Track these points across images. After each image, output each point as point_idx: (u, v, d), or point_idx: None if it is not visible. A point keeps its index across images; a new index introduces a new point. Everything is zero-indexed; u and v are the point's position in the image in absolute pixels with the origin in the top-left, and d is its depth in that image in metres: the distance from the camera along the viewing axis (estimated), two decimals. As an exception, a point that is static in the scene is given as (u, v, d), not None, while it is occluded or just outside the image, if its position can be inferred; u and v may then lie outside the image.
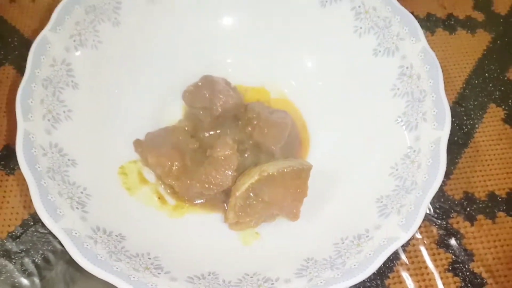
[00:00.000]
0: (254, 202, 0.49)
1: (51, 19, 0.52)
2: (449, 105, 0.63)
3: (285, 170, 0.49)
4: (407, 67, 0.53)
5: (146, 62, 0.59)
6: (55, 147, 0.48)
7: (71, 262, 0.52)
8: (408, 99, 0.52)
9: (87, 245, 0.42)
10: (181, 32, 0.61)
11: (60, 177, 0.46)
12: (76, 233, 0.43)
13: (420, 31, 0.53)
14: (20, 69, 0.65)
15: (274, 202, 0.49)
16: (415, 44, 0.53)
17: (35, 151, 0.46)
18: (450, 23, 0.72)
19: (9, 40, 0.67)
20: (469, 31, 0.71)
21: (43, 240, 0.54)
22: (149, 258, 0.45)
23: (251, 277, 0.44)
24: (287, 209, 0.49)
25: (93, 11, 0.55)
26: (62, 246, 0.53)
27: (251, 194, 0.49)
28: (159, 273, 0.43)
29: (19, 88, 0.48)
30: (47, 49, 0.51)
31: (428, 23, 0.72)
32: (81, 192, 0.47)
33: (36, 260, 0.53)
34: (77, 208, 0.45)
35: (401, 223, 0.45)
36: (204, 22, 0.62)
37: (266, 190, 0.49)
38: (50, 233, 0.54)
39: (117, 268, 0.41)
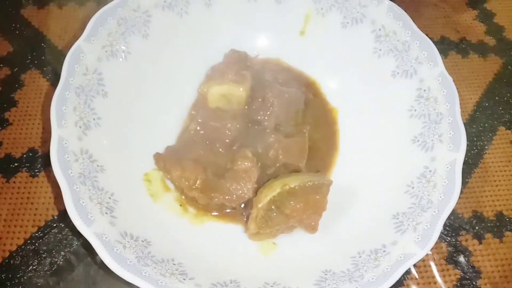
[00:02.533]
0: (275, 214, 0.51)
1: (86, 30, 0.54)
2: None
3: (307, 184, 0.51)
4: (424, 90, 0.56)
5: (172, 74, 0.62)
6: (86, 153, 0.50)
7: (92, 264, 0.55)
8: (425, 121, 0.55)
9: (117, 250, 0.44)
10: (208, 46, 0.63)
11: (91, 182, 0.48)
12: (106, 238, 0.44)
13: (438, 57, 0.56)
14: (46, 74, 0.67)
15: (294, 215, 0.51)
16: (433, 69, 0.55)
17: (68, 157, 0.48)
18: (462, 47, 0.74)
19: (36, 45, 0.69)
20: (481, 55, 0.74)
21: (65, 241, 0.56)
22: (174, 264, 0.46)
23: (271, 286, 0.46)
24: (306, 222, 0.51)
25: (124, 23, 0.57)
26: (84, 248, 0.55)
27: (273, 206, 0.51)
28: (184, 279, 0.45)
29: (54, 95, 0.50)
30: (81, 58, 0.53)
31: (442, 46, 0.74)
32: (109, 198, 0.49)
33: (58, 261, 0.54)
34: (106, 213, 0.47)
35: (417, 240, 0.46)
36: (229, 39, 0.64)
37: (287, 203, 0.51)
38: (72, 235, 0.56)
39: (145, 273, 0.43)
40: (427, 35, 0.59)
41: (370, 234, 0.50)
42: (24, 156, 0.61)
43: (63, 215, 0.57)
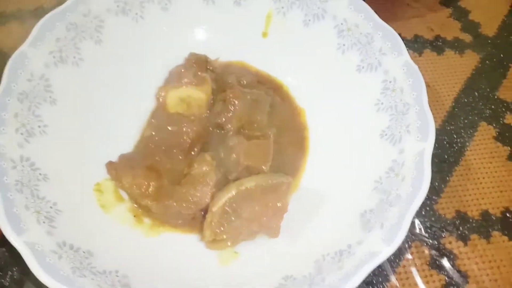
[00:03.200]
0: (232, 218, 0.47)
1: (31, 35, 0.52)
2: (439, 124, 0.63)
3: (264, 184, 0.47)
4: (390, 81, 0.52)
5: (129, 80, 0.59)
6: (27, 161, 0.47)
7: (42, 285, 0.50)
8: (392, 113, 0.51)
9: (50, 260, 0.40)
10: (167, 51, 0.61)
11: (29, 191, 0.45)
12: (39, 247, 0.40)
13: (402, 45, 0.53)
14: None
15: (253, 218, 0.47)
16: (397, 58, 0.52)
17: (4, 164, 0.44)
18: (437, 44, 0.71)
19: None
20: (457, 52, 0.71)
21: (13, 260, 0.51)
22: (117, 276, 0.42)
23: (225, 296, 0.42)
24: (267, 225, 0.47)
25: (74, 29, 0.55)
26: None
27: (228, 209, 0.47)
28: (125, 291, 0.40)
29: (-7, 101, 0.47)
30: (25, 63, 0.50)
31: (416, 44, 0.71)
32: (51, 207, 0.45)
33: (5, 282, 0.50)
34: (44, 222, 0.43)
35: (384, 237, 0.42)
36: (188, 44, 0.62)
37: (244, 205, 0.47)
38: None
39: (79, 284, 0.39)
40: (399, 34, 0.55)
41: (337, 235, 0.46)
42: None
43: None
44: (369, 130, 0.53)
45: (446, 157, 0.60)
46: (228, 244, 0.48)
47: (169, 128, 0.54)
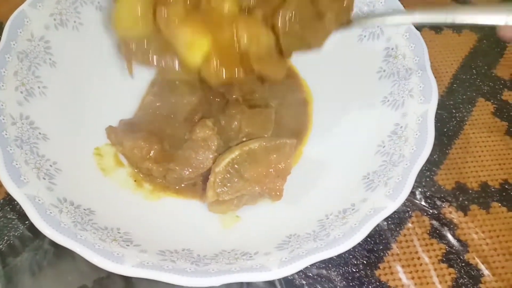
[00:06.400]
0: (235, 179, 0.46)
1: (31, -5, 0.51)
2: (438, 97, 0.63)
3: (267, 144, 0.47)
4: (392, 48, 0.53)
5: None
6: (26, 119, 0.46)
7: (38, 249, 0.49)
8: (394, 79, 0.51)
9: (51, 213, 0.39)
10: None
11: (29, 147, 0.44)
12: (39, 200, 0.40)
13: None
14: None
15: (256, 179, 0.46)
16: (399, 26, 0.53)
17: (3, 119, 0.44)
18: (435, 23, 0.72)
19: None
20: (455, 31, 0.71)
21: (10, 226, 0.50)
22: (119, 232, 0.41)
23: (229, 252, 0.41)
24: (270, 186, 0.46)
25: (75, -8, 0.54)
26: (30, 232, 0.50)
27: (231, 170, 0.46)
28: (127, 245, 0.40)
29: (-8, 57, 0.46)
30: (25, 23, 0.50)
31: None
32: (50, 166, 0.45)
33: (1, 246, 0.49)
34: (44, 178, 0.43)
35: (388, 193, 0.42)
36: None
37: (247, 166, 0.46)
38: (18, 218, 0.51)
39: (81, 236, 0.38)
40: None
41: (339, 197, 0.46)
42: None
43: (9, 198, 0.52)
44: (370, 98, 0.53)
45: (445, 130, 0.61)
46: (230, 208, 0.47)
47: (170, 95, 0.54)
